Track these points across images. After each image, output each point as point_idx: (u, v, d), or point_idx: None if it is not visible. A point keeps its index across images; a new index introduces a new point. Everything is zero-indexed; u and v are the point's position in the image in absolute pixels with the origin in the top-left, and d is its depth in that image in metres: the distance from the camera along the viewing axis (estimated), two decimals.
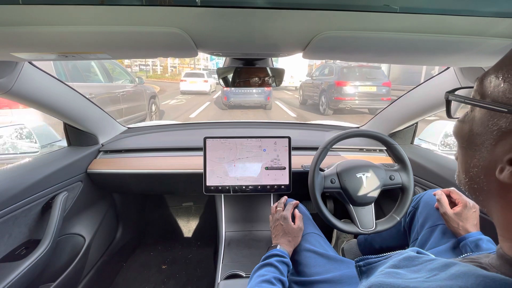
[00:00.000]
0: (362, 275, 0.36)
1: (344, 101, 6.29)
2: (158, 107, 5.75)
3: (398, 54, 0.56)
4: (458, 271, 0.26)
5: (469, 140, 0.29)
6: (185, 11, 0.37)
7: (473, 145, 0.29)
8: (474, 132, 0.29)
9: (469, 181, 0.30)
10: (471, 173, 0.29)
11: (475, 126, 0.29)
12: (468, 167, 0.30)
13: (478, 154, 0.28)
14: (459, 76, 0.81)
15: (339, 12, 0.37)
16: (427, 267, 0.29)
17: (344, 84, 6.28)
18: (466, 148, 0.30)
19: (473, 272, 0.25)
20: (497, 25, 0.41)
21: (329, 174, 0.87)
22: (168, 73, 28.29)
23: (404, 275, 0.29)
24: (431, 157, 1.08)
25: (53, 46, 0.51)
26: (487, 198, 0.29)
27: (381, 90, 6.26)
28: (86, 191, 1.09)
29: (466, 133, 0.30)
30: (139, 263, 1.44)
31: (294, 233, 0.76)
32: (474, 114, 0.29)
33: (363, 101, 6.29)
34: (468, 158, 0.30)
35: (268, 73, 0.81)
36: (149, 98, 5.14)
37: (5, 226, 0.76)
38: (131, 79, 4.72)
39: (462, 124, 0.31)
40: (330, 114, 6.69)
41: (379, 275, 0.30)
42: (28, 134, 1.22)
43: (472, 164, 0.29)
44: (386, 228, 0.82)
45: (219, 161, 1.00)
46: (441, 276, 0.26)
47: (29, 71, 0.76)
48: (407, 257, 0.32)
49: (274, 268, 0.63)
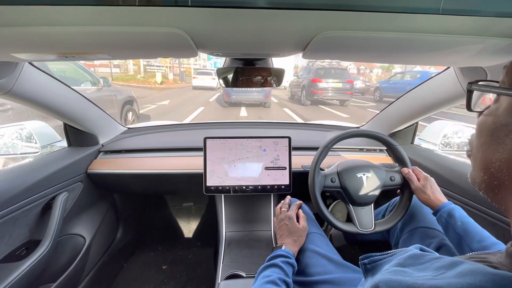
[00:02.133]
0: (367, 273, 0.35)
1: (317, 94, 8.71)
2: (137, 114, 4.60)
3: (398, 54, 0.56)
4: (466, 269, 0.25)
5: (493, 133, 0.29)
6: (185, 11, 0.37)
7: (497, 138, 0.28)
8: (498, 123, 0.28)
9: (489, 178, 0.29)
10: (492, 169, 0.29)
11: (500, 117, 0.28)
12: (489, 163, 0.29)
13: (502, 147, 0.27)
14: (459, 76, 0.81)
15: (339, 12, 0.37)
16: (434, 265, 0.29)
17: (318, 81, 8.60)
18: (488, 144, 0.29)
19: (481, 270, 0.24)
20: (497, 25, 0.41)
21: (330, 173, 0.87)
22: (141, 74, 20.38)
23: (411, 273, 0.29)
24: (432, 157, 1.08)
25: (53, 47, 0.51)
26: (506, 194, 0.28)
27: (346, 85, 8.64)
28: (86, 192, 1.09)
29: (490, 125, 0.29)
30: (140, 264, 1.44)
31: (299, 233, 0.76)
32: (499, 105, 0.29)
33: (332, 94, 8.71)
34: (490, 153, 0.29)
35: (268, 73, 0.81)
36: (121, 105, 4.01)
37: (5, 227, 0.76)
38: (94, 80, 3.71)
39: (485, 117, 0.31)
40: (308, 104, 8.98)
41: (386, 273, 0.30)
42: (28, 135, 1.22)
43: (495, 158, 0.28)
44: (385, 228, 0.82)
45: (219, 161, 1.00)
46: (448, 274, 0.26)
47: (29, 71, 0.76)
48: (412, 255, 0.32)
49: (279, 269, 0.63)
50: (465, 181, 0.88)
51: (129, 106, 4.27)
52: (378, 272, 0.33)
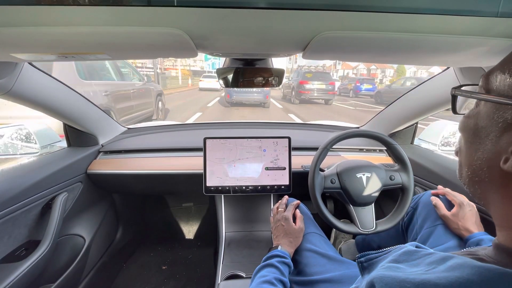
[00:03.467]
0: (364, 271, 0.37)
1: (304, 94, 10.09)
2: (164, 104, 6.12)
3: (398, 54, 0.56)
4: (455, 263, 0.27)
5: (474, 134, 0.31)
6: (185, 11, 0.37)
7: (478, 138, 0.30)
8: (479, 125, 0.30)
9: (471, 174, 0.32)
10: (474, 166, 0.31)
11: (481, 119, 0.30)
12: (471, 160, 0.31)
13: (482, 146, 0.30)
14: (459, 76, 0.81)
15: (339, 12, 0.37)
16: (426, 260, 0.30)
17: (305, 82, 10.02)
18: (470, 142, 0.32)
19: (469, 264, 0.26)
20: (497, 25, 0.41)
21: (329, 174, 0.87)
22: None
23: (404, 269, 0.30)
24: (431, 157, 1.08)
25: (53, 47, 0.51)
26: (486, 190, 0.30)
27: (328, 87, 10.09)
28: (86, 192, 1.09)
29: (472, 127, 0.31)
30: (139, 264, 1.44)
31: (295, 234, 0.76)
32: (480, 109, 0.31)
33: (317, 94, 10.15)
34: (473, 151, 0.31)
35: (268, 74, 0.81)
36: (156, 96, 5.41)
37: (4, 227, 0.76)
38: (140, 77, 4.95)
39: (467, 119, 0.33)
40: (297, 103, 10.38)
41: (380, 270, 0.31)
42: (27, 135, 1.22)
43: (476, 157, 0.30)
44: (386, 228, 0.82)
45: (219, 161, 1.00)
46: (439, 268, 0.27)
47: (29, 71, 0.76)
48: (406, 252, 0.33)
49: (275, 268, 0.63)
50: None
51: (159, 97, 5.72)
52: (374, 269, 0.34)
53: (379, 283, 0.28)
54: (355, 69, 42.45)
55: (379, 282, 0.28)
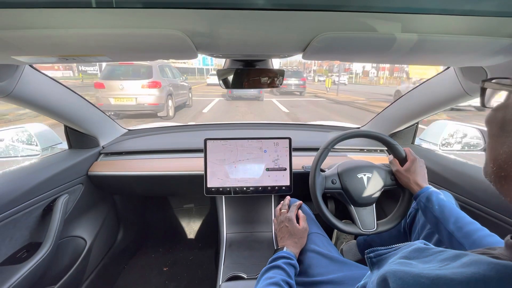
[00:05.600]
0: (373, 266, 0.36)
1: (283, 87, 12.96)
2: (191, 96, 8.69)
3: (398, 54, 0.56)
4: (470, 259, 0.27)
5: (501, 127, 0.31)
6: (185, 13, 0.37)
7: (505, 132, 0.30)
8: (507, 118, 0.30)
9: (497, 169, 0.31)
10: (500, 161, 0.31)
11: (509, 112, 0.30)
12: (497, 154, 0.31)
13: (509, 140, 0.30)
14: (459, 76, 0.81)
15: (339, 12, 0.37)
16: (438, 258, 0.30)
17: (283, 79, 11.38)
18: (496, 136, 0.32)
19: (485, 260, 0.26)
20: (497, 25, 0.41)
21: (330, 174, 0.87)
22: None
23: (416, 265, 0.30)
24: (432, 157, 1.08)
25: (54, 49, 0.51)
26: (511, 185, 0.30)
27: (300, 82, 13.30)
28: (87, 194, 1.09)
29: (499, 120, 0.31)
30: (140, 265, 1.44)
31: (299, 234, 0.76)
32: (509, 102, 0.31)
33: (293, 87, 13.34)
34: (499, 145, 0.31)
35: (269, 74, 0.82)
36: (188, 89, 8.30)
37: (6, 229, 0.76)
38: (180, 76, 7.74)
39: (495, 112, 0.33)
40: (278, 94, 13.68)
41: (392, 265, 0.31)
42: (29, 137, 1.22)
43: (502, 150, 0.30)
44: (387, 228, 0.81)
45: (220, 162, 1.00)
46: (453, 265, 0.27)
47: (29, 74, 0.76)
48: (416, 249, 0.33)
49: (282, 270, 0.62)
50: (466, 181, 0.88)
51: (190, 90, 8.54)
52: (383, 265, 0.34)
53: (392, 277, 0.28)
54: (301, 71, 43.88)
55: (392, 276, 0.28)
